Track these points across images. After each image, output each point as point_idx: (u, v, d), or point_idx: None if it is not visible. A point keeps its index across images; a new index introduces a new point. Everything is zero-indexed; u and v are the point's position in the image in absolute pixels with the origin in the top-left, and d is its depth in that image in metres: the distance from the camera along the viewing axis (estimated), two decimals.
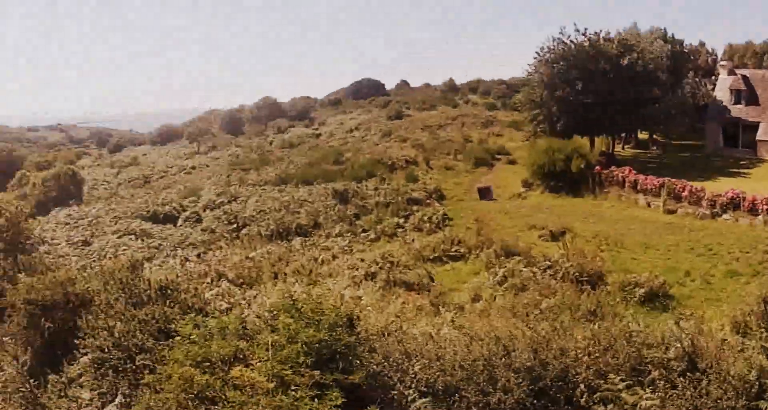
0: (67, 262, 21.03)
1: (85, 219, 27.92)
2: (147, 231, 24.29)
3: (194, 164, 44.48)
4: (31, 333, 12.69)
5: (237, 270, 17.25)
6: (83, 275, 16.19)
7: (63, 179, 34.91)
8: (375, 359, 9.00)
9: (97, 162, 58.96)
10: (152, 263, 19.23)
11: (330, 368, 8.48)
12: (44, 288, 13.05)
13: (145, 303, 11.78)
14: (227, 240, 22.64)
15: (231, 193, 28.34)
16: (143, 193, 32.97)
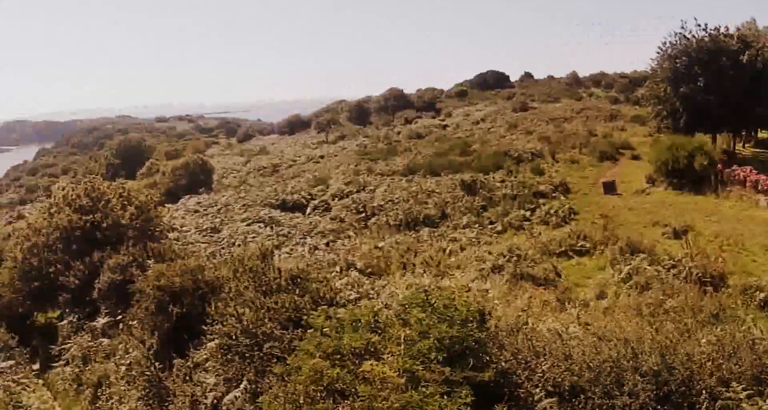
0: (196, 249, 22.47)
1: (214, 206, 29.76)
2: (276, 219, 25.59)
3: (322, 153, 46.69)
4: (159, 318, 13.54)
5: (366, 260, 17.63)
6: (213, 262, 16.90)
7: (193, 167, 37.39)
8: (504, 356, 9.29)
9: (226, 151, 63.24)
10: (281, 251, 20.09)
11: (461, 364, 8.62)
12: (174, 275, 13.78)
13: (274, 291, 12.18)
14: (356, 230, 23.42)
15: (359, 183, 29.57)
16: (272, 181, 34.83)
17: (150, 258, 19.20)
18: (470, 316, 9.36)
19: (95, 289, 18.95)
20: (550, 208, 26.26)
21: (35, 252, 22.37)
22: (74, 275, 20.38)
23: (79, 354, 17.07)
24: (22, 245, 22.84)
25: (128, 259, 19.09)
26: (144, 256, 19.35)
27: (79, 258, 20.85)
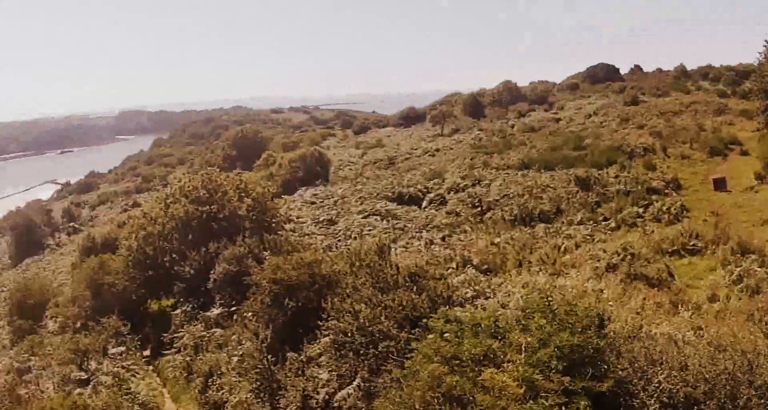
0: (312, 241, 23.57)
1: (331, 198, 31.10)
2: (392, 212, 26.63)
3: (438, 146, 47.91)
4: (274, 312, 14.36)
5: (481, 256, 18.03)
6: (329, 256, 17.63)
7: (310, 159, 39.00)
8: (621, 364, 9.36)
9: (342, 143, 65.27)
10: (397, 245, 20.80)
11: (579, 374, 8.76)
12: (291, 268, 14.59)
13: (391, 288, 12.66)
14: (471, 224, 24.06)
15: (475, 176, 30.44)
16: (388, 174, 35.93)
17: (266, 250, 20.41)
18: (590, 322, 9.52)
19: (210, 280, 20.33)
20: (663, 205, 26.90)
21: (150, 242, 24.38)
22: (189, 265, 22.02)
23: (191, 343, 18.36)
24: (137, 234, 24.92)
25: (244, 251, 20.38)
26: (260, 248, 20.61)
27: (194, 248, 22.50)
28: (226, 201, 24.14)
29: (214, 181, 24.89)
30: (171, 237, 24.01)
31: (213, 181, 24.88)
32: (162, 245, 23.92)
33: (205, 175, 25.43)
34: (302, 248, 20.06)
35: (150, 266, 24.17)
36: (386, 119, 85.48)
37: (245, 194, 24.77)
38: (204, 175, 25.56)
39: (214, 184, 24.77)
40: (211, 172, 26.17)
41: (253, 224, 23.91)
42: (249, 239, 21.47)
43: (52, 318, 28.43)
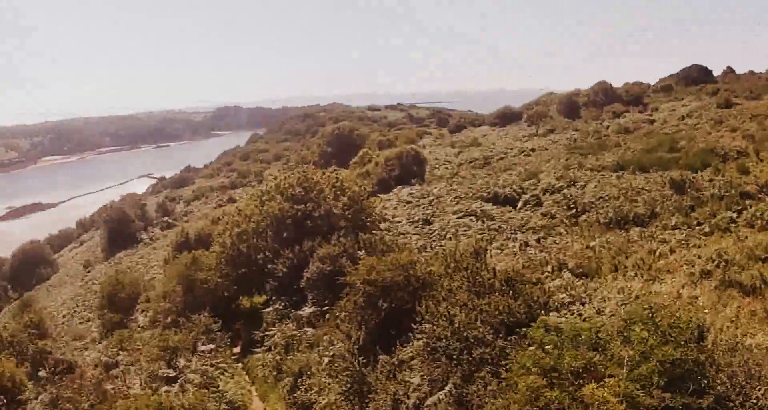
0: (407, 241, 24.07)
1: (426, 198, 31.69)
2: (487, 212, 27.17)
3: (533, 146, 48.42)
4: (368, 313, 14.78)
5: (577, 260, 18.00)
6: (425, 257, 17.91)
7: (406, 158, 39.54)
8: (720, 379, 9.32)
9: (437, 141, 66.37)
10: (492, 246, 21.05)
11: (680, 389, 8.81)
12: (385, 269, 14.97)
13: (487, 292, 12.76)
14: (566, 226, 24.07)
15: (570, 178, 30.78)
16: (484, 173, 36.43)
17: (361, 249, 20.94)
18: (691, 334, 9.54)
19: (303, 278, 20.97)
20: (757, 210, 26.00)
21: (244, 239, 25.41)
22: (283, 263, 22.85)
23: (281, 342, 19.03)
24: (231, 231, 25.96)
25: (339, 250, 20.99)
26: (355, 247, 21.15)
27: (288, 246, 23.30)
28: (321, 199, 24.88)
29: (310, 179, 25.68)
30: (265, 235, 24.93)
31: (309, 179, 25.66)
32: (256, 243, 24.87)
33: (301, 173, 26.25)
34: (397, 248, 20.43)
35: (243, 263, 25.19)
36: (481, 118, 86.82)
37: (341, 192, 25.43)
38: (300, 172, 26.38)
39: (310, 181, 25.55)
40: (308, 169, 26.96)
41: (348, 223, 24.54)
42: (344, 238, 22.07)
43: (143, 313, 29.91)
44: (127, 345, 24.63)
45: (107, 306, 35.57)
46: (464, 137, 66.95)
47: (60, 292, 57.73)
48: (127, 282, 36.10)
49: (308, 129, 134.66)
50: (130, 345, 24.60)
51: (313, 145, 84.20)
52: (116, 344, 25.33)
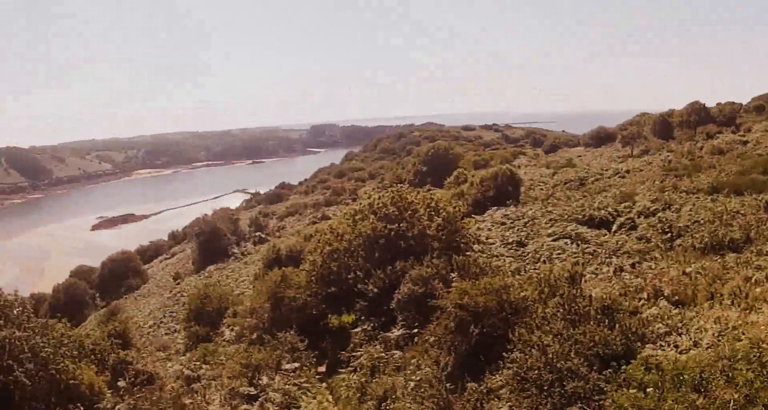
0: (500, 263, 23.75)
1: (521, 219, 31.64)
2: (582, 235, 26.84)
3: (628, 168, 48.02)
4: (458, 339, 14.70)
5: (673, 287, 17.40)
6: (518, 281, 17.70)
7: (501, 178, 39.36)
8: None
9: (532, 162, 66.37)
10: (586, 270, 20.67)
11: None
12: (478, 294, 14.82)
13: (582, 321, 12.45)
14: (661, 251, 23.48)
15: (665, 200, 30.05)
16: (579, 195, 36.09)
17: (453, 271, 20.81)
18: None
19: (394, 299, 20.99)
20: None
21: (336, 258, 25.71)
22: (374, 283, 22.89)
23: (368, 364, 19.09)
24: (322, 249, 26.21)
25: (431, 272, 20.96)
26: (448, 269, 21.07)
27: (380, 266, 23.35)
28: (416, 219, 24.91)
29: (404, 199, 25.76)
30: (356, 254, 25.12)
31: (403, 199, 25.75)
32: (347, 262, 25.09)
33: (395, 192, 26.36)
34: (490, 270, 20.27)
35: (333, 282, 25.44)
36: (576, 139, 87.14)
37: (435, 213, 25.42)
38: (395, 192, 26.49)
39: (405, 201, 25.62)
40: (402, 189, 27.05)
41: (441, 244, 24.47)
42: (437, 259, 22.01)
43: (229, 327, 30.53)
44: (211, 359, 25.15)
45: (194, 318, 36.53)
46: (559, 158, 67.14)
47: (148, 303, 59.63)
48: (216, 296, 36.98)
49: (403, 148, 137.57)
50: (214, 359, 25.12)
51: (408, 164, 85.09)
52: (200, 357, 25.89)
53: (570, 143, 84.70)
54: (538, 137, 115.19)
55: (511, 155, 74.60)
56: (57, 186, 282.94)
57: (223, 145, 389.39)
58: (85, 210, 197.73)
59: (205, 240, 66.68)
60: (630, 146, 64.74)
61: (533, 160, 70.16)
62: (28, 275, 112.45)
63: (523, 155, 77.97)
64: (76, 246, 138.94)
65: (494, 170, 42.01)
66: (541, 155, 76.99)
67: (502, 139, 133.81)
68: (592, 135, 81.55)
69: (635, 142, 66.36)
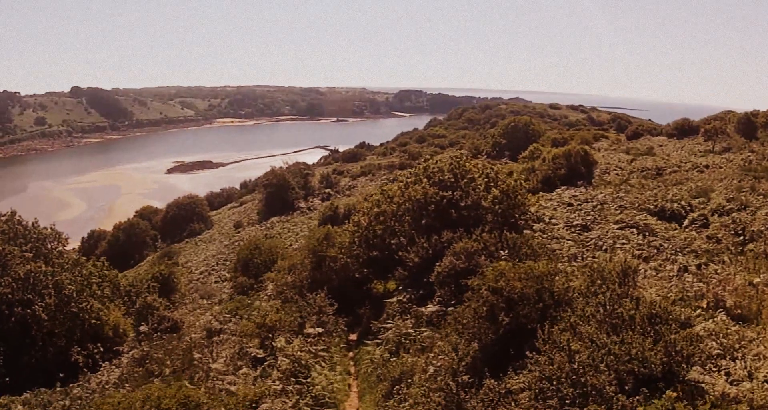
0: (558, 246, 21.81)
1: (589, 202, 29.82)
2: (650, 227, 25.10)
3: (707, 163, 45.51)
4: (484, 326, 12.94)
5: (736, 298, 15.31)
6: (571, 268, 15.95)
7: (574, 158, 37.18)
8: None
9: (613, 146, 64.41)
10: (648, 265, 18.80)
11: None
12: (517, 277, 13.07)
13: (623, 327, 10.65)
14: (731, 254, 21.42)
15: (741, 201, 27.74)
16: (654, 185, 33.88)
17: (504, 248, 19.12)
18: None
19: (434, 272, 19.38)
20: None
21: (382, 220, 24.13)
22: (416, 252, 21.28)
23: (394, 339, 17.69)
24: (370, 210, 24.75)
25: (478, 246, 19.28)
26: (497, 246, 19.32)
27: (426, 234, 21.70)
28: (471, 188, 23.16)
29: (462, 166, 24.02)
30: (404, 219, 23.60)
31: (461, 166, 24.01)
32: (393, 226, 23.61)
33: (453, 158, 24.63)
34: (544, 253, 18.52)
35: (376, 246, 24.03)
36: (659, 128, 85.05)
37: (494, 184, 23.62)
38: (453, 158, 24.76)
39: (462, 169, 23.89)
40: (461, 155, 25.31)
41: (497, 218, 22.70)
42: (487, 234, 20.27)
43: (272, 282, 29.56)
44: (243, 312, 24.34)
45: (241, 269, 35.86)
46: (640, 145, 65.04)
47: (207, 248, 59.68)
48: (266, 248, 36.12)
49: (488, 120, 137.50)
50: (246, 313, 24.31)
51: (488, 136, 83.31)
52: (232, 310, 25.07)
53: (654, 131, 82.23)
54: (624, 123, 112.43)
55: (592, 137, 72.21)
56: (137, 128, 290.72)
57: (309, 101, 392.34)
58: (163, 153, 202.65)
59: (272, 191, 66.22)
60: (712, 141, 62.81)
61: (614, 144, 67.86)
62: (98, 212, 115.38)
63: (604, 138, 75.72)
64: (149, 187, 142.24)
65: (567, 148, 39.77)
66: (622, 140, 74.83)
67: (587, 121, 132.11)
68: (676, 126, 79.70)
69: (718, 137, 64.39)
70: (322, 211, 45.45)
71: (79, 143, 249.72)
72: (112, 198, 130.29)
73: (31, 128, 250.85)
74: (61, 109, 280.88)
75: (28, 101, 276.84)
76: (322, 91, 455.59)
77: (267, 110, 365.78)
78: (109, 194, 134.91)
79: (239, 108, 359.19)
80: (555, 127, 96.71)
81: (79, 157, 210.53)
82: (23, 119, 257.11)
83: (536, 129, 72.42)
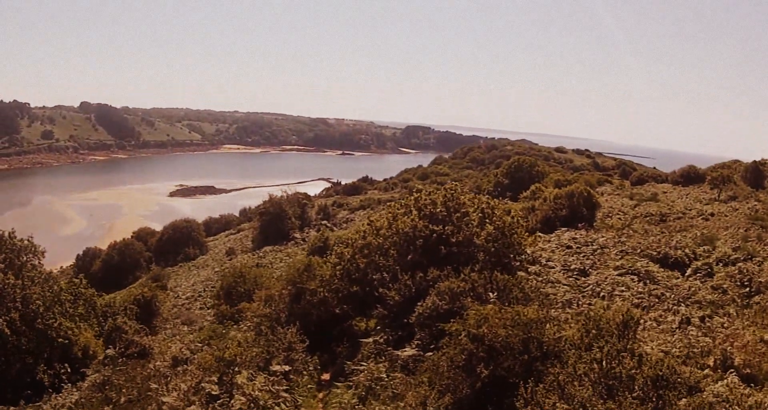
0: (554, 291, 20.48)
1: (589, 246, 28.43)
2: (652, 274, 23.66)
3: (713, 211, 44.44)
4: (460, 377, 11.28)
5: (746, 355, 13.67)
6: (565, 315, 14.45)
7: (577, 199, 35.61)
8: None
9: (616, 191, 63.48)
10: (649, 315, 17.43)
11: None
12: (501, 324, 11.50)
13: (622, 389, 9.06)
14: (737, 307, 20.00)
15: (747, 250, 26.37)
16: (657, 231, 32.54)
17: (493, 290, 17.54)
18: None
19: (415, 312, 17.81)
20: None
21: (366, 253, 22.47)
22: (398, 290, 19.62)
23: (365, 383, 15.99)
24: (354, 242, 23.16)
25: (465, 286, 17.61)
26: (486, 287, 17.72)
27: (411, 270, 20.07)
28: (464, 223, 21.55)
29: (456, 199, 22.45)
30: (390, 253, 21.97)
31: (455, 199, 22.44)
32: (376, 259, 21.96)
33: (448, 190, 23.04)
34: (536, 297, 16.95)
35: (357, 280, 22.36)
36: (665, 175, 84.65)
37: (489, 220, 22.02)
38: (447, 189, 23.16)
39: (456, 201, 22.32)
40: (455, 187, 23.68)
41: (489, 257, 21.07)
42: (476, 273, 18.69)
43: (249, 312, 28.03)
44: (216, 342, 22.92)
45: (223, 297, 34.40)
46: (644, 191, 64.07)
47: (198, 274, 58.30)
48: (250, 277, 34.63)
49: (492, 160, 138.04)
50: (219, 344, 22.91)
51: (491, 175, 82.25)
52: (204, 338, 23.64)
53: (659, 178, 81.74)
54: (628, 169, 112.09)
55: (596, 181, 71.07)
56: (143, 149, 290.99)
57: (316, 132, 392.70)
58: (167, 176, 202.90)
59: (267, 220, 64.99)
60: (718, 189, 61.88)
61: (618, 189, 66.83)
62: (97, 229, 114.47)
63: (608, 183, 74.77)
64: (151, 208, 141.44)
65: (570, 188, 38.24)
66: (626, 185, 73.85)
67: (592, 166, 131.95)
68: (682, 173, 78.86)
69: (724, 185, 63.41)
70: (312, 242, 43.88)
71: (84, 160, 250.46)
72: (113, 217, 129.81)
73: (38, 141, 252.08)
74: (68, 124, 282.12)
75: (36, 113, 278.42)
76: (330, 123, 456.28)
77: (273, 139, 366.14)
78: (110, 213, 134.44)
79: (246, 135, 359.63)
80: (559, 171, 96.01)
81: (83, 173, 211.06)
82: (31, 131, 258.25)
83: (540, 170, 71.29)
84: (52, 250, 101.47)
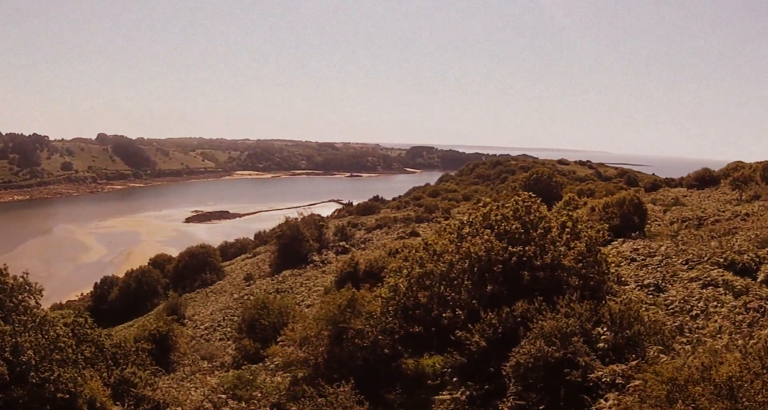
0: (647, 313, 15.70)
1: (653, 256, 24.28)
2: (732, 283, 18.95)
3: (746, 211, 40.11)
4: None
5: None
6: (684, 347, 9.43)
7: (628, 207, 30.55)
8: None
9: None
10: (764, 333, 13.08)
11: None
12: (684, 381, 6.36)
13: None
14: None
15: None
16: (706, 236, 27.65)
17: (601, 324, 12.53)
18: None
19: (510, 361, 12.68)
20: None
21: (427, 285, 17.16)
22: (480, 330, 14.37)
23: None
24: (410, 271, 17.75)
25: (574, 325, 12.51)
26: (593, 321, 12.70)
27: (491, 305, 14.87)
28: (548, 241, 16.35)
29: (535, 211, 17.20)
30: (458, 283, 16.68)
31: (534, 211, 17.19)
32: (442, 292, 16.65)
33: (521, 202, 17.75)
34: (653, 330, 11.99)
35: (417, 318, 17.03)
36: (677, 180, 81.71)
37: (575, 236, 16.83)
38: (520, 201, 17.86)
39: (535, 215, 17.08)
40: (531, 198, 18.36)
41: (578, 281, 15.93)
42: (575, 304, 13.62)
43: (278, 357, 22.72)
44: (243, 392, 18.01)
45: (246, 330, 29.21)
46: (662, 196, 59.77)
47: (216, 300, 53.45)
48: (275, 308, 29.33)
49: (498, 175, 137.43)
50: (247, 392, 18.00)
51: (505, 189, 77.79)
52: (229, 387, 18.57)
53: (671, 183, 78.31)
54: (632, 177, 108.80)
55: (614, 188, 66.81)
56: (159, 177, 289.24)
57: (324, 156, 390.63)
58: (182, 202, 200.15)
59: (285, 243, 60.07)
60: (739, 190, 58.08)
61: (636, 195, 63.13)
62: (117, 256, 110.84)
63: (623, 189, 71.12)
64: (168, 235, 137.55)
65: (621, 196, 33.23)
66: (641, 192, 70.30)
67: (595, 176, 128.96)
68: (697, 176, 75.88)
69: (745, 185, 59.67)
70: (341, 268, 38.60)
71: (102, 189, 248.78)
72: (131, 244, 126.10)
73: (57, 172, 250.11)
74: (87, 156, 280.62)
75: (56, 146, 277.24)
76: (337, 147, 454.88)
77: (284, 164, 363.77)
78: (128, 240, 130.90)
79: (257, 161, 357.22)
80: (568, 182, 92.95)
81: (102, 202, 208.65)
82: (51, 163, 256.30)
83: (559, 181, 67.28)
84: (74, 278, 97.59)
